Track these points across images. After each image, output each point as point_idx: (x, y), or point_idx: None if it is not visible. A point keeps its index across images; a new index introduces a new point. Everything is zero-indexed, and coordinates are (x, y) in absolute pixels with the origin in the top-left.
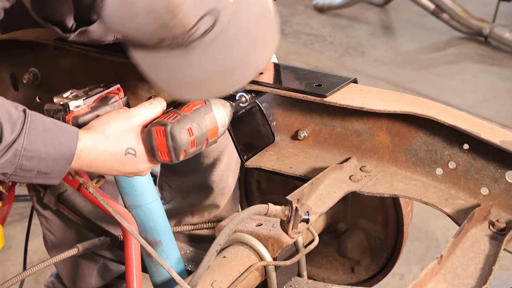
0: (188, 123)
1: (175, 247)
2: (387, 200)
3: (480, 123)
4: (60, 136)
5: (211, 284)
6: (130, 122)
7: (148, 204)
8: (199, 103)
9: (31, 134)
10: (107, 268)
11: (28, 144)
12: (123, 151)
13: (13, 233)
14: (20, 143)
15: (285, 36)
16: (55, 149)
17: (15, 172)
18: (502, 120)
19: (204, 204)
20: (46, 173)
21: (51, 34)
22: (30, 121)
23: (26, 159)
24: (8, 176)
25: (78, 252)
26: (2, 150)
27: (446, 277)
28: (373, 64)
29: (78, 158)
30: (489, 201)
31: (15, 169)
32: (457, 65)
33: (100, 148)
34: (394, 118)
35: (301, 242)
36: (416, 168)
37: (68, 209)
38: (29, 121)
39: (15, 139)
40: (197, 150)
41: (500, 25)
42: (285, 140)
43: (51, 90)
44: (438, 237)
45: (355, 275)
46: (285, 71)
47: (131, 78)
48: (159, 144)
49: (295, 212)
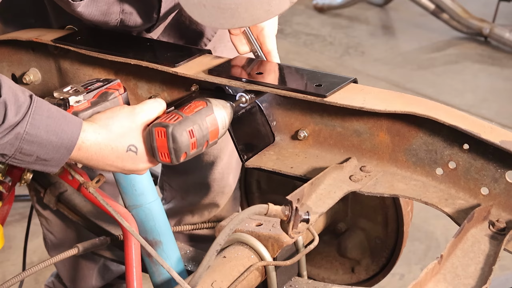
0: (190, 125)
1: (175, 247)
2: (387, 200)
3: (480, 123)
4: (63, 124)
5: (211, 284)
6: (134, 119)
7: (148, 204)
8: (200, 105)
9: (35, 119)
10: (107, 268)
11: (31, 128)
12: (124, 147)
13: (13, 233)
14: (23, 127)
15: (285, 36)
16: (57, 136)
17: (14, 155)
18: (502, 120)
19: (204, 203)
20: (45, 160)
21: (51, 34)
22: (36, 106)
23: (27, 143)
24: (6, 158)
25: (78, 252)
26: (4, 131)
27: (446, 277)
28: (373, 64)
29: (79, 149)
30: (489, 201)
31: (15, 152)
32: (457, 65)
33: (102, 142)
34: (394, 118)
35: (301, 242)
36: (416, 168)
37: (68, 209)
38: (34, 106)
39: (18, 121)
40: (197, 152)
41: (500, 25)
42: (285, 140)
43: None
44: (438, 237)
45: (355, 275)
46: (285, 71)
47: (131, 78)
48: (159, 145)
49: (295, 212)
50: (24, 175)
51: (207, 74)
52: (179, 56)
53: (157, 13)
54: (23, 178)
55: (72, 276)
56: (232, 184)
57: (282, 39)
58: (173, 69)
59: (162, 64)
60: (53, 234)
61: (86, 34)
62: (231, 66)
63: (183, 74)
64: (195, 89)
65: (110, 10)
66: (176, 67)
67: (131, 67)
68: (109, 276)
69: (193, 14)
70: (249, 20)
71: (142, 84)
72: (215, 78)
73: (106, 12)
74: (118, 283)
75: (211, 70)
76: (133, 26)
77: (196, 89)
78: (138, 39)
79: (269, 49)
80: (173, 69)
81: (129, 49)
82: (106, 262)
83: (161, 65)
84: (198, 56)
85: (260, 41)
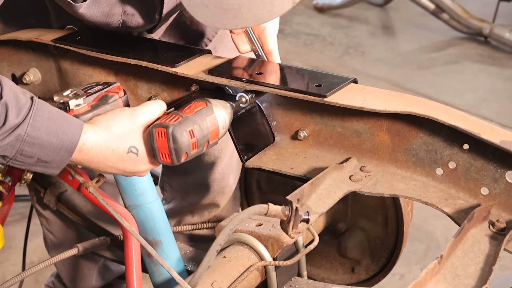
0: (190, 125)
1: (175, 247)
2: (387, 200)
3: (480, 123)
4: (64, 126)
5: (211, 284)
6: (135, 120)
7: (148, 204)
8: (200, 105)
9: (36, 120)
10: (107, 268)
11: (32, 130)
12: (125, 149)
13: (13, 233)
14: (24, 128)
15: (285, 36)
16: (58, 138)
17: (15, 157)
18: (502, 120)
19: (204, 203)
20: (46, 162)
21: (51, 34)
22: (37, 108)
23: (27, 145)
24: (7, 160)
25: (78, 252)
26: (5, 133)
27: (446, 277)
28: (373, 64)
29: (80, 151)
30: (489, 201)
31: (16, 154)
32: (457, 65)
33: (103, 144)
34: (394, 118)
35: (301, 242)
36: (416, 168)
37: (68, 209)
38: (35, 108)
39: (19, 123)
40: (198, 152)
41: (500, 25)
42: (285, 140)
43: (51, 90)
44: (438, 237)
45: (355, 275)
46: (285, 71)
47: (131, 78)
48: (160, 146)
49: (295, 212)
50: (24, 175)
51: (207, 74)
52: (179, 56)
53: (159, 14)
54: (23, 178)
55: (72, 276)
56: (232, 185)
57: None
58: (173, 69)
59: (162, 64)
60: (53, 234)
61: (86, 34)
62: (231, 66)
63: (183, 74)
64: (195, 89)
65: (112, 12)
66: (176, 67)
67: (131, 67)
68: (109, 276)
69: (195, 14)
70: (252, 21)
71: (142, 84)
72: (215, 78)
73: (108, 14)
74: (118, 283)
75: (211, 70)
76: (135, 27)
77: (196, 89)
78: (138, 39)
79: (270, 49)
80: (173, 69)
81: (129, 49)
82: (106, 262)
83: (161, 65)
84: (198, 56)
85: (261, 40)
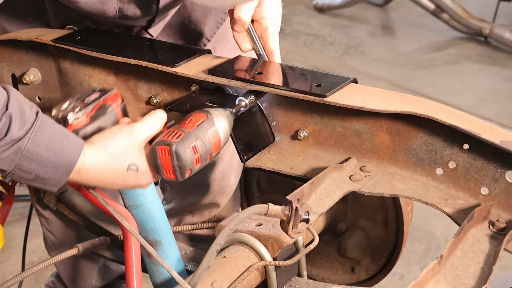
0: (192, 140)
1: (175, 247)
2: (387, 200)
3: (480, 123)
4: (64, 144)
5: (211, 284)
6: (133, 138)
7: (148, 204)
8: (201, 117)
9: (36, 136)
10: (107, 268)
11: (31, 145)
12: (125, 167)
13: (13, 233)
14: (24, 143)
15: (285, 36)
16: (57, 156)
17: (13, 171)
18: (502, 120)
19: (204, 203)
20: (44, 179)
21: (51, 34)
22: (39, 124)
23: (26, 160)
24: (6, 174)
25: (78, 252)
26: (6, 145)
27: (446, 277)
28: (373, 64)
29: (80, 172)
30: (489, 201)
31: (14, 168)
32: (457, 65)
33: (102, 164)
34: (394, 118)
35: (301, 242)
36: (416, 168)
37: (68, 209)
38: (38, 123)
39: (21, 137)
40: (201, 166)
41: (500, 25)
42: (285, 140)
43: (51, 90)
44: (438, 237)
45: (355, 275)
46: (285, 71)
47: (131, 78)
48: (164, 163)
49: (295, 212)
50: None
51: (207, 74)
52: (179, 56)
53: (156, 3)
54: None
55: (72, 276)
56: (233, 185)
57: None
58: (173, 69)
59: (162, 64)
60: (53, 234)
61: (86, 34)
62: (231, 66)
63: (183, 74)
64: (195, 89)
65: None
66: (176, 67)
67: (131, 67)
68: (109, 276)
69: None
70: None
71: (142, 84)
72: (215, 78)
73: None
74: (118, 283)
75: (211, 70)
76: (132, 17)
77: (196, 89)
78: (138, 39)
79: (272, 48)
80: (173, 69)
81: (129, 49)
82: (106, 262)
83: (161, 65)
84: (198, 56)
85: (263, 40)
